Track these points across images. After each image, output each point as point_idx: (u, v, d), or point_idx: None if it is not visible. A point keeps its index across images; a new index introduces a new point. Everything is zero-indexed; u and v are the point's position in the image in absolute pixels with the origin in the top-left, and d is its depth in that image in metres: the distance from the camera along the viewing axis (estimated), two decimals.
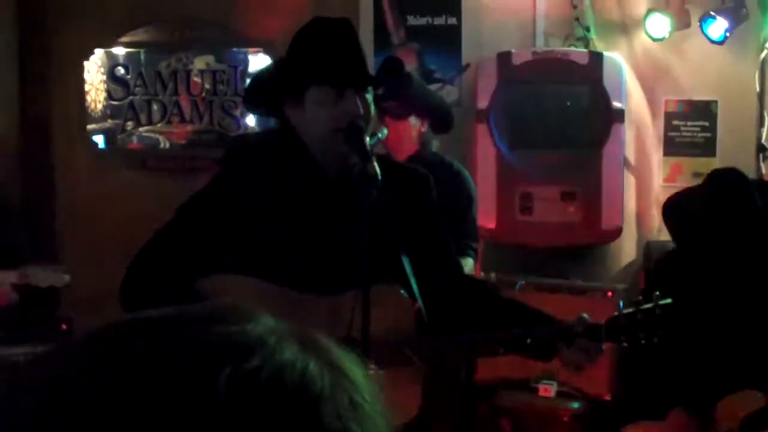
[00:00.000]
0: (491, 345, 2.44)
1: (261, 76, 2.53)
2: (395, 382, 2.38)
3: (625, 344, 2.41)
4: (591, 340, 2.36)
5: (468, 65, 5.31)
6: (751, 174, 4.75)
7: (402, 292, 2.42)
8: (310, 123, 2.43)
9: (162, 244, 2.44)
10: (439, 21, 5.38)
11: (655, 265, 3.13)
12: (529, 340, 2.40)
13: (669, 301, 2.40)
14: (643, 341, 2.40)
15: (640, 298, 2.44)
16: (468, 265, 3.83)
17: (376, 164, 2.34)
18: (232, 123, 5.50)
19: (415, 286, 2.45)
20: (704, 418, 2.84)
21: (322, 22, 2.46)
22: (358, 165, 2.35)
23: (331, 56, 2.39)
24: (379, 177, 2.31)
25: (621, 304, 2.46)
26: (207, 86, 5.50)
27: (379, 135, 3.36)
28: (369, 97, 2.42)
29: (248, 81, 5.02)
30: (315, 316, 2.33)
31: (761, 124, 4.82)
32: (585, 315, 2.42)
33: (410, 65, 5.09)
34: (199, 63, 5.52)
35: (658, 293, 2.43)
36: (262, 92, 2.57)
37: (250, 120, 5.49)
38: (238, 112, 5.50)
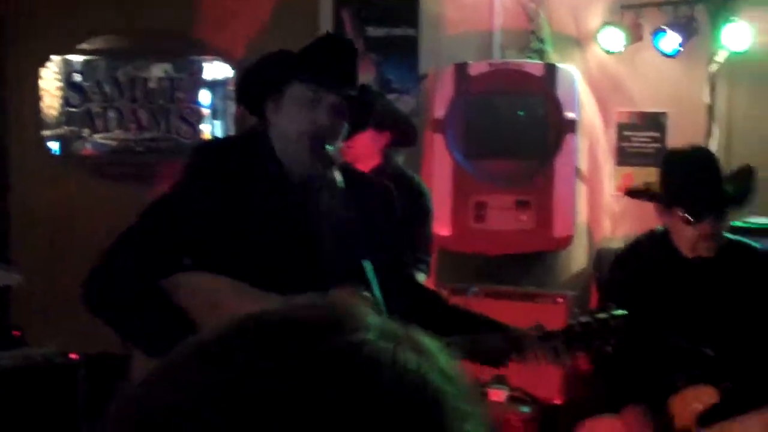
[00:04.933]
0: (456, 349, 2.48)
1: (250, 69, 2.55)
2: None
3: (579, 352, 2.48)
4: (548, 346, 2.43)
5: (426, 75, 5.38)
6: None
7: (367, 295, 2.46)
8: (285, 122, 2.46)
9: (129, 244, 2.46)
10: (398, 32, 5.45)
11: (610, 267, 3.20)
12: (485, 347, 2.46)
13: (623, 312, 2.46)
14: (597, 350, 2.46)
15: (596, 308, 2.51)
16: (419, 278, 3.88)
17: (337, 172, 2.39)
18: (189, 131, 5.52)
19: (377, 292, 2.50)
20: (659, 413, 2.90)
21: (330, 35, 2.52)
22: (321, 171, 2.40)
23: (316, 56, 2.43)
24: (341, 184, 2.36)
25: (577, 313, 2.53)
26: (164, 94, 5.51)
27: (339, 145, 3.38)
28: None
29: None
30: None
31: (709, 135, 4.91)
32: (541, 324, 2.49)
33: (368, 75, 5.15)
34: (157, 71, 5.54)
35: (612, 304, 2.50)
36: (248, 85, 2.59)
37: (207, 128, 5.51)
38: (195, 120, 5.52)
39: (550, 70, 5.07)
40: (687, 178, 2.86)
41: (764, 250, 2.99)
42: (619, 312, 2.47)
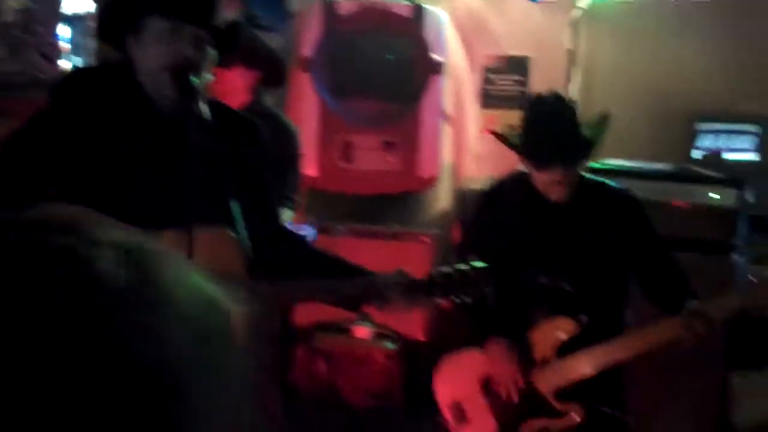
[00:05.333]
0: (312, 292, 2.52)
1: (109, 3, 2.48)
2: None
3: (440, 301, 2.54)
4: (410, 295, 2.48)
5: (294, 13, 5.33)
6: None
7: (232, 235, 2.46)
8: (147, 57, 2.41)
9: None
10: None
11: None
12: (347, 290, 2.49)
13: (483, 265, 2.54)
14: (457, 300, 2.53)
15: (457, 259, 2.57)
16: (286, 216, 3.89)
17: (204, 106, 2.37)
18: (47, 66, 5.33)
19: (244, 231, 2.50)
20: (521, 344, 3.01)
21: None
22: (187, 106, 2.37)
23: None
24: (208, 119, 2.34)
25: (439, 265, 2.59)
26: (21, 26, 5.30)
27: (207, 78, 3.32)
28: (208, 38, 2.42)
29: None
30: None
31: (570, 79, 5.05)
32: (402, 270, 2.53)
33: (234, 11, 5.06)
34: (13, 2, 5.31)
35: (473, 256, 2.57)
36: (108, 19, 2.52)
37: (66, 64, 5.33)
38: (54, 55, 5.33)
39: (418, 11, 5.10)
40: (534, 128, 2.94)
41: (620, 189, 3.10)
42: (480, 264, 2.53)
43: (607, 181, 3.14)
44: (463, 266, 2.53)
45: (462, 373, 3.12)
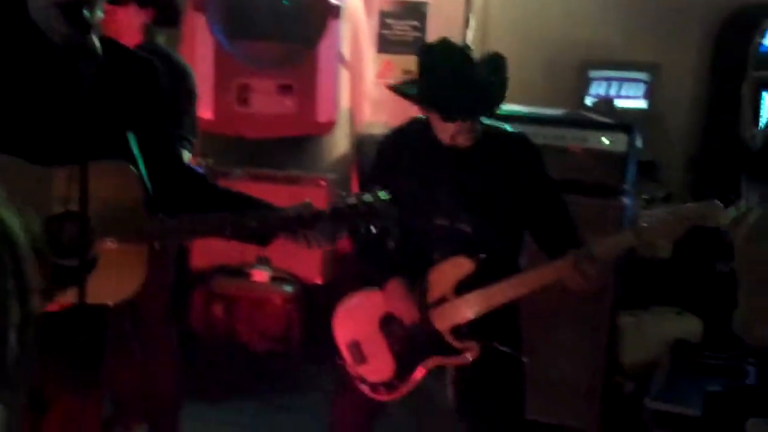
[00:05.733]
0: (220, 226, 2.49)
1: None
2: (120, 258, 2.40)
3: (345, 232, 2.55)
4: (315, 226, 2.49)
5: None
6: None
7: (131, 168, 2.42)
8: None
9: None
10: None
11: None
12: (254, 223, 2.48)
13: (387, 195, 2.55)
14: (362, 230, 2.54)
15: (362, 191, 2.58)
16: (184, 158, 3.83)
17: (96, 40, 2.31)
18: None
19: (142, 165, 2.46)
20: (419, 283, 3.07)
21: None
22: (79, 40, 2.31)
23: None
24: (99, 53, 2.29)
25: (343, 195, 2.59)
26: None
27: (99, 15, 3.23)
28: None
29: None
30: (45, 186, 2.30)
31: (466, 25, 5.08)
32: (309, 202, 2.54)
33: None
34: None
35: (377, 187, 2.58)
36: None
37: None
38: None
39: None
40: (437, 79, 2.91)
41: (518, 133, 3.14)
42: (384, 195, 2.55)
43: (506, 126, 3.17)
44: (367, 197, 2.54)
45: (360, 313, 3.14)
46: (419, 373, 3.06)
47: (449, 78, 2.87)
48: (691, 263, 4.74)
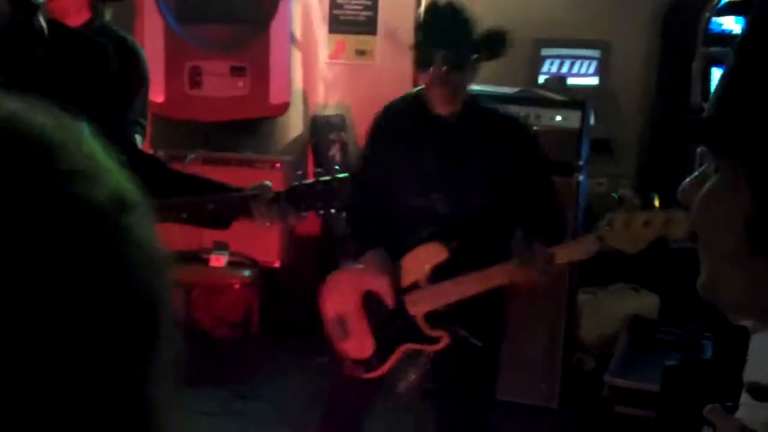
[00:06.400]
0: (176, 211, 2.46)
1: None
2: None
3: (303, 212, 2.53)
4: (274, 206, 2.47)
5: None
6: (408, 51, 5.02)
7: None
8: None
9: None
10: None
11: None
12: (212, 206, 2.45)
13: (345, 175, 2.53)
14: (321, 210, 2.53)
15: (321, 171, 2.56)
16: (137, 142, 3.77)
17: (42, 20, 2.26)
18: None
19: None
20: (394, 268, 3.04)
21: None
22: (25, 20, 2.25)
23: None
24: (46, 34, 2.24)
25: (300, 175, 2.58)
26: None
27: None
28: None
29: None
30: None
31: (418, 4, 5.05)
32: (267, 182, 2.51)
33: None
34: None
35: (337, 167, 2.57)
36: None
37: None
38: None
39: None
40: (422, 20, 2.98)
41: (507, 115, 3.10)
42: (342, 174, 2.54)
43: (499, 108, 3.14)
44: (326, 177, 2.53)
45: (346, 287, 3.10)
46: (397, 355, 3.06)
47: (432, 14, 2.95)
48: None
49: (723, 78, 0.76)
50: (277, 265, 4.80)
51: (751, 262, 0.74)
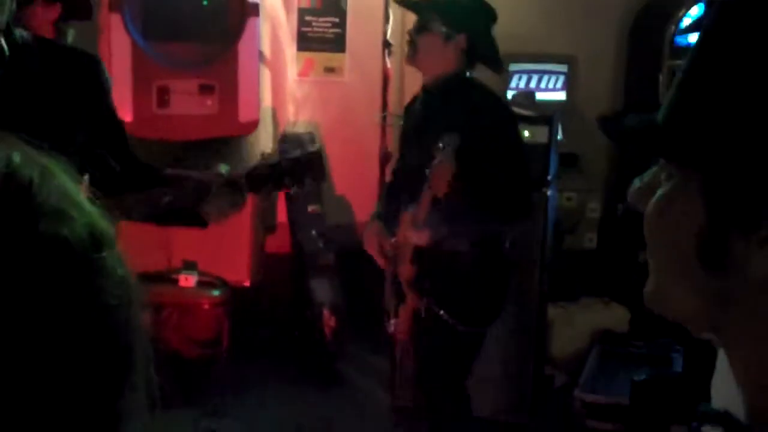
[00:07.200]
0: (131, 210, 2.44)
1: None
2: None
3: (270, 191, 2.55)
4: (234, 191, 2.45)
5: None
6: (377, 68, 5.04)
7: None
8: None
9: None
10: None
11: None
12: (167, 199, 2.42)
13: (316, 150, 2.56)
14: (292, 186, 2.53)
15: (286, 149, 2.60)
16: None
17: (2, 40, 2.25)
18: None
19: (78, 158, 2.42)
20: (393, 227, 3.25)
21: None
22: None
23: None
24: (6, 53, 2.23)
25: (266, 155, 2.62)
26: None
27: (3, 18, 3.14)
28: None
29: None
30: None
31: (387, 21, 5.07)
32: (223, 168, 2.50)
33: None
34: None
35: (307, 144, 2.62)
36: None
37: None
38: None
39: None
40: None
41: (480, 97, 3.20)
42: (313, 149, 2.58)
43: (486, 89, 3.29)
44: (293, 154, 2.55)
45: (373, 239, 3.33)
46: (403, 312, 3.21)
47: None
48: (615, 254, 4.82)
49: (675, 85, 0.75)
50: (247, 284, 4.78)
51: (699, 277, 0.72)
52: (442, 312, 3.12)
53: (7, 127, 2.04)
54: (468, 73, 3.26)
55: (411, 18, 5.26)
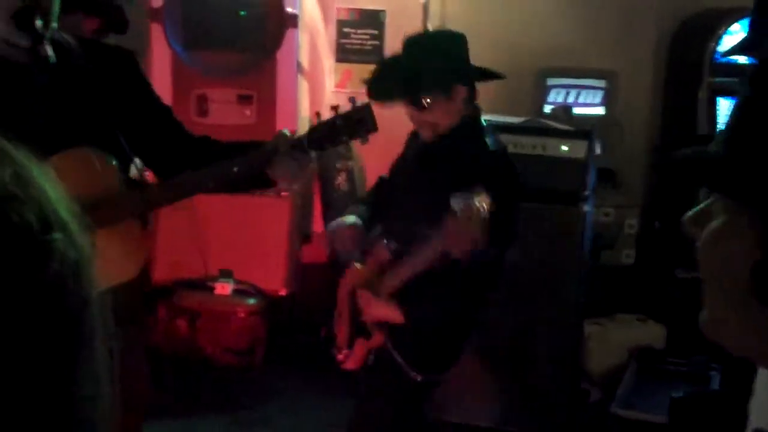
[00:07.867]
0: (201, 182, 2.47)
1: None
2: (117, 241, 2.37)
3: (329, 147, 2.56)
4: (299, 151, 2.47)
5: None
6: None
7: (93, 152, 2.38)
8: None
9: None
10: None
11: None
12: (236, 169, 2.45)
13: (365, 102, 2.55)
14: (347, 141, 2.56)
15: (337, 106, 2.59)
16: (133, 170, 3.80)
17: (48, 47, 2.29)
18: None
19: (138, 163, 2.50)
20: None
21: None
22: (30, 47, 2.29)
23: None
24: (53, 60, 2.28)
25: (319, 114, 2.61)
26: None
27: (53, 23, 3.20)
28: None
29: None
30: None
31: None
32: (284, 130, 2.53)
33: None
34: None
35: (353, 98, 2.61)
36: None
37: None
38: None
39: None
40: (378, 65, 3.02)
41: (482, 151, 3.01)
42: (361, 103, 2.56)
43: (488, 140, 3.04)
44: (344, 110, 2.54)
45: (345, 283, 3.15)
46: (359, 348, 3.05)
47: (385, 62, 3.07)
48: (652, 270, 4.78)
49: (732, 118, 0.74)
50: (283, 293, 4.79)
51: (754, 310, 0.71)
52: (399, 359, 2.94)
53: (61, 123, 2.10)
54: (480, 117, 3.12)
55: (451, 26, 5.29)
